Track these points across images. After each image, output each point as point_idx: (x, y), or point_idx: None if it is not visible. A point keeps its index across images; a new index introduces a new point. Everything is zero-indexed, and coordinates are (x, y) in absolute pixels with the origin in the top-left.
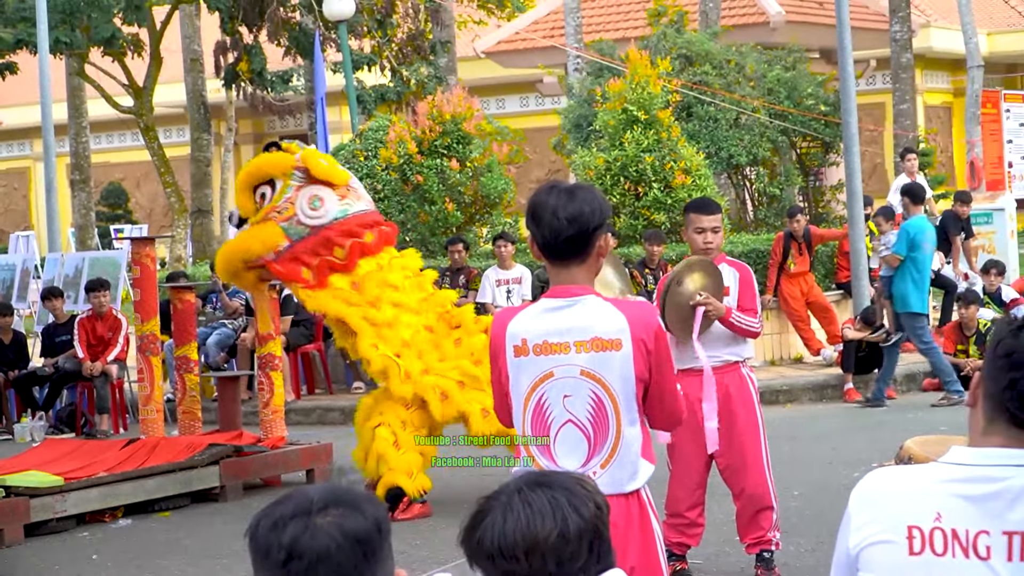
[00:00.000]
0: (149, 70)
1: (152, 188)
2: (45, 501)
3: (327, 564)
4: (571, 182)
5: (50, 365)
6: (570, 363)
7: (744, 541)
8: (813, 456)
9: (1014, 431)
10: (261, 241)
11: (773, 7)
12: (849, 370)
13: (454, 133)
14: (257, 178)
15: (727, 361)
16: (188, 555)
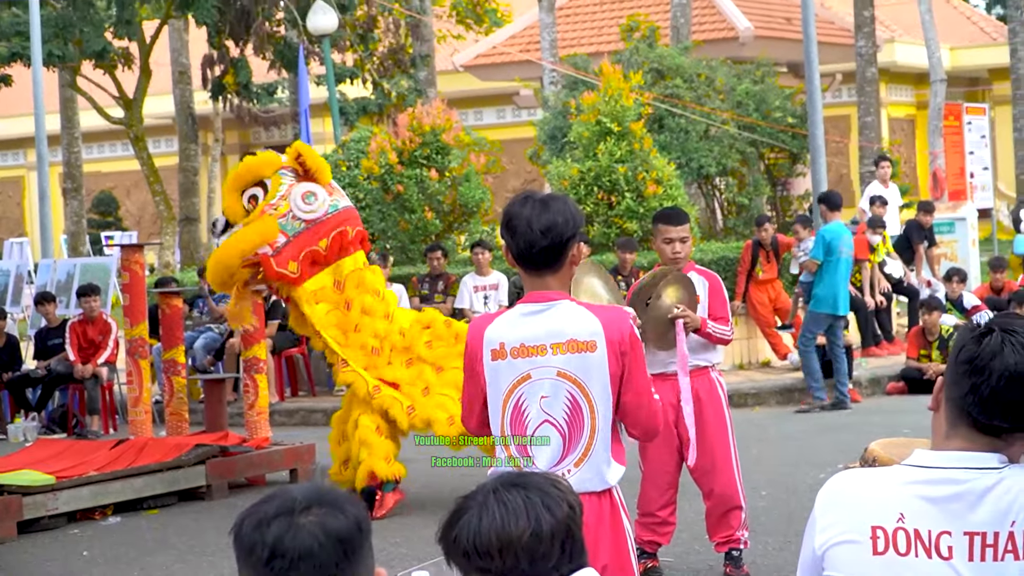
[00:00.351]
0: (139, 82)
1: (142, 196)
2: (37, 499)
3: (309, 562)
4: (545, 192)
5: (43, 367)
6: (547, 365)
7: (713, 540)
8: (780, 457)
9: (975, 435)
10: (260, 233)
11: (742, 23)
12: None
13: (433, 144)
14: (247, 180)
15: (697, 366)
16: (175, 552)
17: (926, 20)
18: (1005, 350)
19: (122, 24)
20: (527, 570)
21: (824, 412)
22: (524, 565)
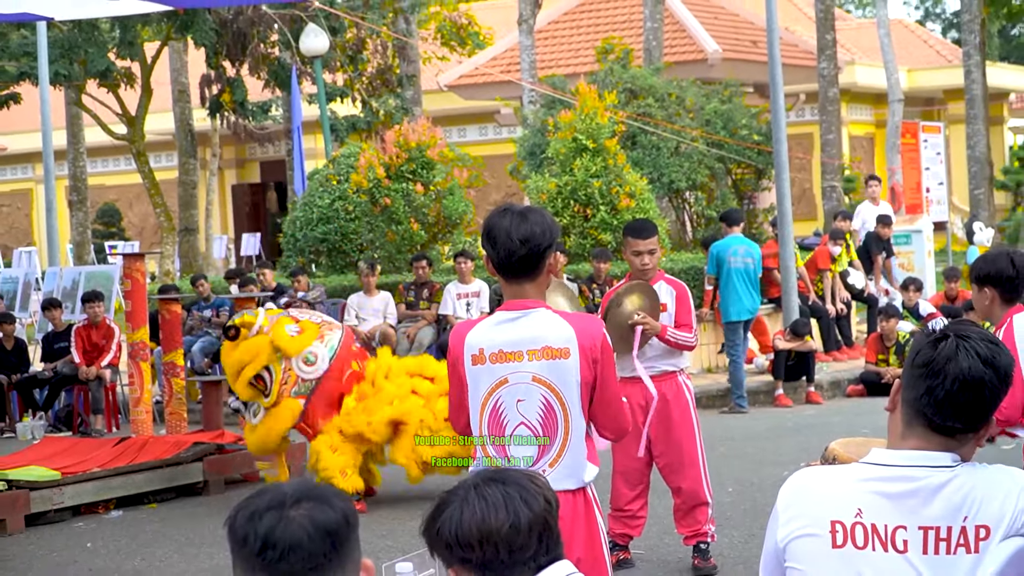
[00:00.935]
0: (141, 100)
1: (143, 208)
2: (44, 494)
3: (299, 553)
4: (523, 205)
5: (49, 369)
6: (523, 370)
7: (682, 533)
8: (746, 456)
9: (930, 435)
10: (288, 418)
11: (711, 45)
12: (779, 377)
13: (419, 159)
14: (249, 364)
15: (665, 371)
16: (174, 543)
17: (885, 43)
18: (959, 355)
19: (125, 45)
20: (506, 560)
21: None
22: (503, 556)
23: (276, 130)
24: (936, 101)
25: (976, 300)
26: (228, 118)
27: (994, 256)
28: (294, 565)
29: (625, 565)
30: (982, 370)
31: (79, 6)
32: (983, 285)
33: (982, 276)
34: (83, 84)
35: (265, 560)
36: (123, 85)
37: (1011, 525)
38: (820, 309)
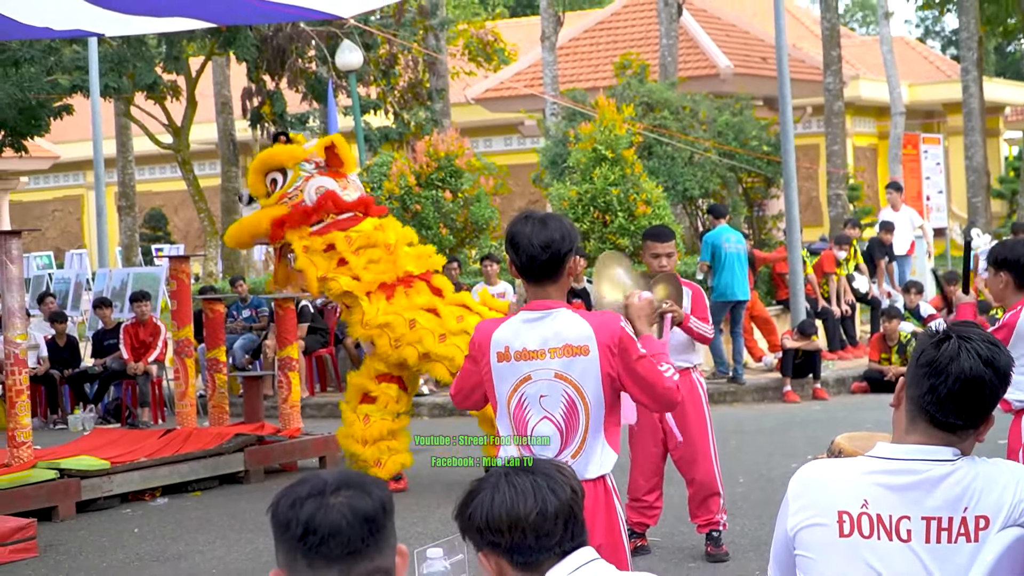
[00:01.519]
0: (186, 112)
1: (188, 213)
2: (94, 482)
3: (338, 538)
4: (544, 212)
5: (99, 365)
6: (545, 367)
7: (695, 522)
8: (756, 449)
9: (932, 430)
10: (270, 218)
11: (723, 61)
12: (787, 374)
13: (448, 168)
14: (270, 165)
15: (680, 366)
16: (217, 529)
17: (887, 59)
18: (961, 355)
19: (171, 60)
20: (533, 546)
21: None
22: (531, 541)
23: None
24: (936, 114)
25: (991, 283)
26: (268, 128)
27: (1013, 244)
28: (333, 550)
29: (642, 552)
30: (983, 370)
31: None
32: (1000, 269)
33: (1000, 260)
34: (132, 96)
35: (306, 545)
36: (169, 97)
37: (1009, 515)
38: (826, 310)
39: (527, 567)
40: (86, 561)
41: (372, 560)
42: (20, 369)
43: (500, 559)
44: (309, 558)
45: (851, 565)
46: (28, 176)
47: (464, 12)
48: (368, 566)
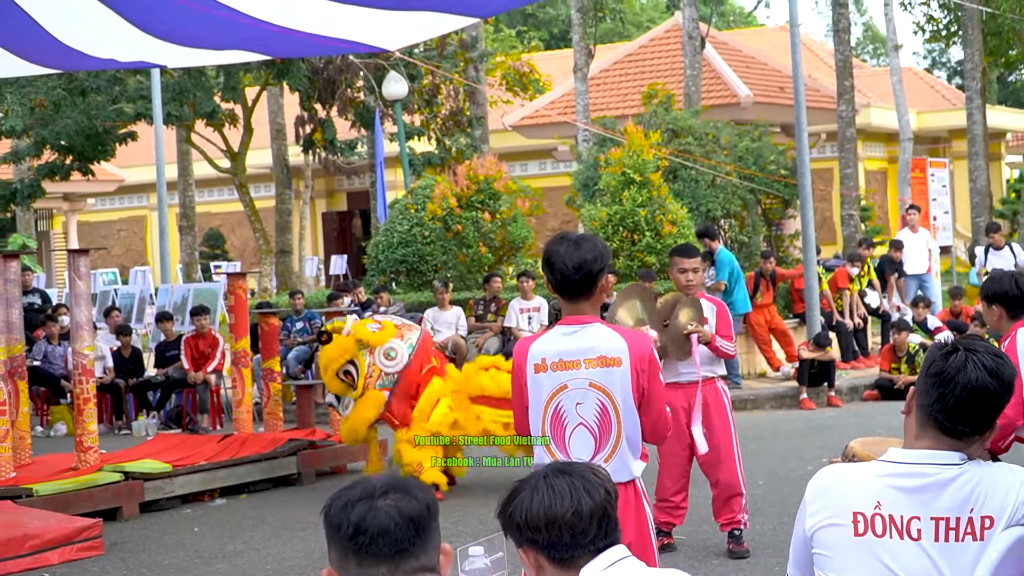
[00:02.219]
0: (242, 138)
1: (244, 233)
2: (156, 484)
3: (386, 538)
4: (578, 233)
5: (162, 374)
6: (581, 377)
7: (718, 521)
8: (774, 452)
9: (941, 436)
10: (373, 406)
11: (743, 91)
12: (804, 383)
13: (486, 191)
14: (336, 365)
15: (705, 377)
16: (271, 528)
17: (896, 89)
18: (968, 367)
19: (228, 90)
20: (569, 543)
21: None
22: (566, 539)
23: (361, 165)
24: (942, 140)
25: (986, 315)
26: (319, 154)
27: (1000, 277)
28: (382, 549)
29: (669, 549)
30: (988, 380)
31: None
32: (991, 303)
33: (990, 295)
34: (192, 124)
35: (356, 544)
36: (227, 125)
37: (1013, 515)
38: (840, 323)
39: (563, 563)
40: (148, 559)
41: (418, 559)
42: (87, 378)
43: (538, 555)
44: (359, 557)
45: (865, 563)
46: (95, 198)
47: (502, 45)
48: (414, 564)
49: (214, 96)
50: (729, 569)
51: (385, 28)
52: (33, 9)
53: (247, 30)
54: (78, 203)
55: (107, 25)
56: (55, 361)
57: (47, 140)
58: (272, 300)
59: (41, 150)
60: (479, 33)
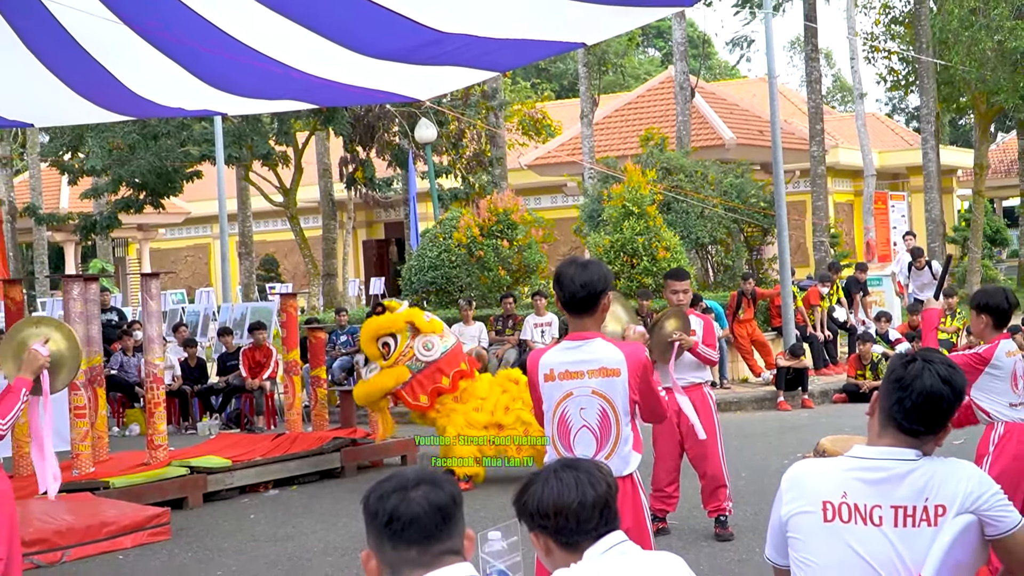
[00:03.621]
0: (293, 176)
1: (295, 259)
2: (218, 477)
3: (417, 525)
4: (584, 258)
5: (223, 381)
6: (584, 385)
7: (706, 508)
8: (755, 449)
9: (900, 435)
10: (394, 378)
11: (727, 134)
12: (781, 388)
13: (505, 221)
14: (380, 332)
15: (693, 382)
16: (317, 515)
17: (861, 131)
18: (924, 375)
19: (281, 134)
20: (574, 529)
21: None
22: (572, 525)
23: (396, 199)
24: (901, 176)
25: (973, 323)
26: (360, 190)
27: (993, 291)
28: (413, 535)
29: (663, 533)
30: (941, 387)
31: (246, 104)
32: (981, 312)
33: (982, 305)
34: (250, 164)
35: (391, 531)
36: (280, 164)
37: (962, 504)
38: (812, 336)
39: (569, 546)
40: (210, 542)
41: (444, 543)
42: (158, 385)
43: (548, 539)
44: (393, 541)
45: (834, 546)
46: (165, 228)
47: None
48: (441, 548)
49: (269, 139)
50: (716, 550)
51: (417, 80)
52: (111, 65)
53: (297, 82)
54: (150, 232)
55: (176, 78)
56: (130, 370)
57: (123, 178)
58: (319, 317)
59: (118, 187)
60: (499, 85)
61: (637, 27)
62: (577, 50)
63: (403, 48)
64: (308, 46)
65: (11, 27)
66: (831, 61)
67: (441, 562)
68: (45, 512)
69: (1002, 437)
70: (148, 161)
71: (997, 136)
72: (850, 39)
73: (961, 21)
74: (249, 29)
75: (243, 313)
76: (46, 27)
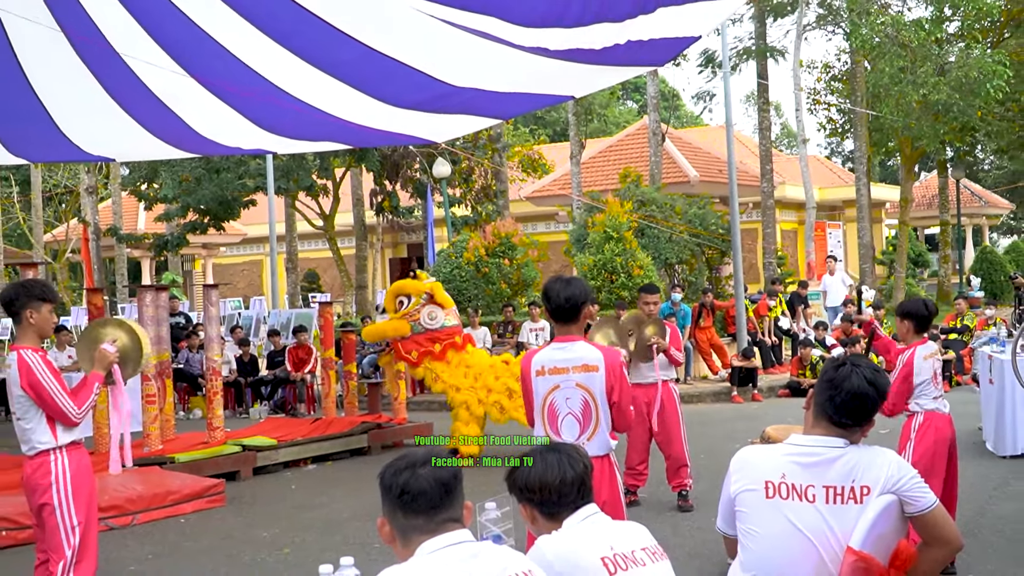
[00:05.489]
0: (332, 204)
1: (333, 273)
2: (266, 454)
3: (424, 497)
4: (568, 276)
5: (271, 374)
6: (569, 380)
7: (670, 484)
8: (713, 434)
9: (831, 427)
10: (395, 329)
11: (692, 172)
12: (735, 384)
13: (507, 244)
14: (401, 292)
15: (661, 379)
16: (348, 487)
17: (804, 171)
18: (852, 376)
19: (322, 170)
20: (556, 501)
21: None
22: (554, 498)
23: (417, 224)
24: (837, 208)
25: (899, 328)
26: (387, 216)
27: (914, 300)
28: (421, 505)
29: (634, 504)
30: (867, 388)
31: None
32: (904, 318)
33: (905, 312)
34: (296, 194)
35: (402, 501)
36: (321, 194)
37: (884, 485)
38: (762, 341)
39: (551, 516)
40: (259, 509)
41: (447, 512)
42: (216, 377)
43: (533, 510)
44: (404, 510)
45: (774, 518)
46: (225, 247)
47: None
48: (444, 516)
49: (312, 174)
50: (678, 520)
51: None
52: (180, 111)
53: (335, 126)
54: (213, 250)
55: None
56: (194, 364)
57: (190, 205)
58: (352, 321)
59: (186, 212)
60: (502, 130)
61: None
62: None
63: (423, 99)
64: (346, 97)
65: (96, 78)
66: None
67: (444, 528)
68: (119, 482)
69: (922, 425)
70: (211, 191)
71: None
72: (796, 94)
73: (891, 78)
74: (296, 82)
75: (288, 318)
76: (126, 79)
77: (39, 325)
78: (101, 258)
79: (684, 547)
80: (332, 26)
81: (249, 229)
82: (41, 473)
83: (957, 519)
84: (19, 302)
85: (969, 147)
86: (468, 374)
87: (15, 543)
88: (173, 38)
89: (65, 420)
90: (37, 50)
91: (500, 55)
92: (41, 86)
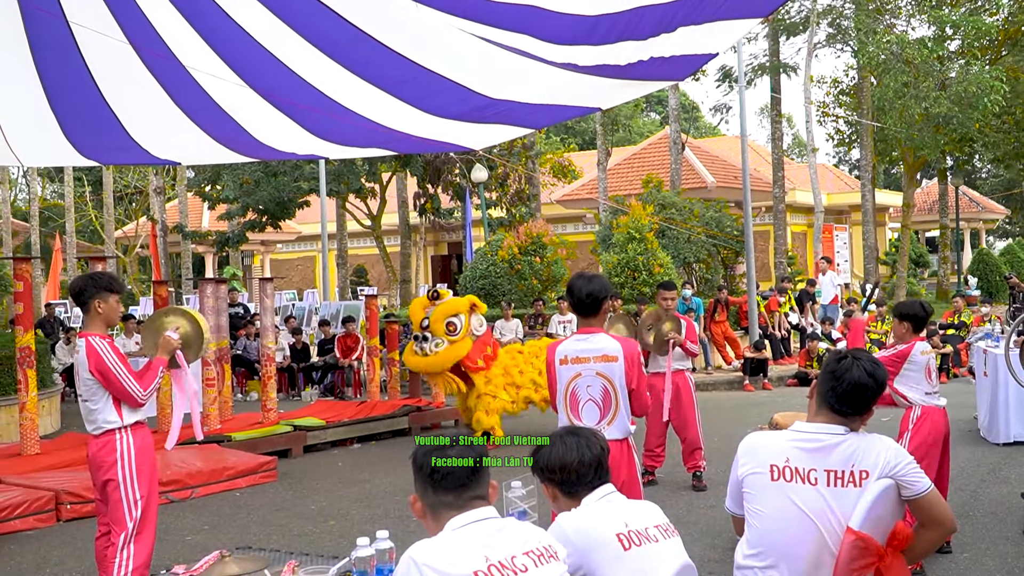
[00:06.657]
0: (380, 206)
1: (379, 269)
2: (315, 433)
3: (452, 477)
4: (591, 272)
5: (322, 360)
6: (590, 368)
7: (686, 465)
8: (725, 420)
9: (832, 415)
10: (465, 348)
11: (710, 179)
12: (747, 374)
13: (538, 243)
14: (450, 314)
15: (678, 368)
16: (389, 464)
17: (813, 178)
18: (853, 368)
19: (370, 174)
20: (575, 481)
21: (729, 394)
22: (573, 479)
23: (456, 225)
24: (844, 212)
25: (896, 328)
26: (429, 217)
27: (911, 302)
28: (450, 484)
29: (651, 484)
30: (867, 379)
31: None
32: (903, 319)
33: (903, 313)
34: (346, 196)
35: (433, 480)
36: (369, 196)
37: (882, 470)
38: (772, 334)
39: (571, 495)
40: (308, 484)
41: (473, 490)
42: (271, 363)
43: (555, 489)
44: (434, 488)
45: (779, 500)
46: (281, 243)
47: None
48: (471, 494)
49: (361, 178)
50: (692, 498)
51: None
52: (241, 119)
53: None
54: (271, 247)
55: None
56: (251, 351)
57: (250, 205)
58: (396, 313)
59: (246, 212)
60: (535, 138)
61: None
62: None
63: (463, 110)
64: (393, 109)
65: (163, 88)
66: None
67: (471, 505)
68: (181, 459)
69: (919, 418)
70: (269, 193)
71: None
72: (806, 106)
73: (896, 92)
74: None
75: (338, 309)
76: (191, 90)
77: (106, 314)
78: (168, 253)
79: (698, 524)
80: (384, 45)
81: (303, 228)
82: (107, 451)
83: (953, 501)
84: (87, 292)
85: (968, 157)
86: (509, 370)
87: (79, 516)
88: (236, 54)
89: (131, 401)
90: (109, 63)
91: (534, 70)
92: (113, 96)
